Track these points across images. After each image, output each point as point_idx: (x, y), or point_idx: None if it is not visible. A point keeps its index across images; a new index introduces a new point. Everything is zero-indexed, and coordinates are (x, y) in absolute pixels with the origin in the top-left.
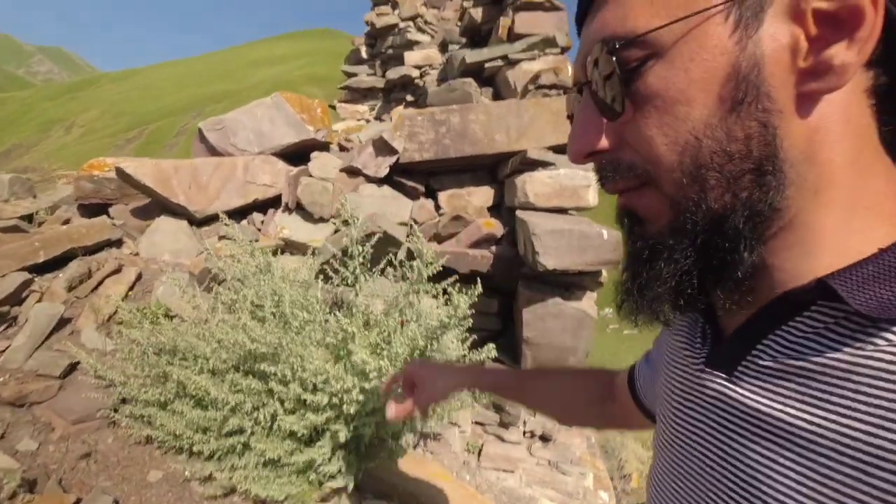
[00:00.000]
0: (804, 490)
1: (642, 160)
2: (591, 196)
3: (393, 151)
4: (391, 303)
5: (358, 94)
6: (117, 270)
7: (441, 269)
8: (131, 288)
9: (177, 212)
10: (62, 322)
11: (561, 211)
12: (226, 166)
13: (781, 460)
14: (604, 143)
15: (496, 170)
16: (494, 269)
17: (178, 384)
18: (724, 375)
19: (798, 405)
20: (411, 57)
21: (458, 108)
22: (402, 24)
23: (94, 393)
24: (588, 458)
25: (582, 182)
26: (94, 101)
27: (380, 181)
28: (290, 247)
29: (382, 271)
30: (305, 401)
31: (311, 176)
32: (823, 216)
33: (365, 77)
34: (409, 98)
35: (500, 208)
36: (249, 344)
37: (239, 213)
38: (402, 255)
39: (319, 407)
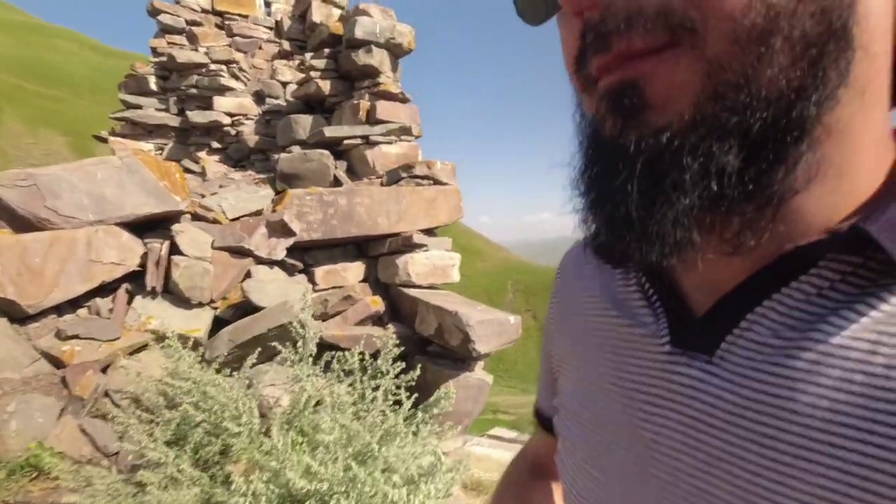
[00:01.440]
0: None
1: (685, 3)
2: (455, 274)
3: (290, 233)
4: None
5: (142, 130)
6: None
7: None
8: None
9: None
10: None
11: (433, 287)
12: (63, 242)
13: (779, 468)
14: None
15: (364, 246)
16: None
17: None
18: (703, 357)
19: (810, 387)
20: (223, 103)
21: (345, 190)
22: (213, 66)
23: None
24: None
25: (449, 262)
26: None
27: (271, 263)
28: (161, 340)
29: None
30: None
31: (183, 254)
32: (867, 125)
33: (154, 112)
34: (216, 145)
35: (367, 281)
36: (307, 485)
37: (71, 303)
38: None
39: None
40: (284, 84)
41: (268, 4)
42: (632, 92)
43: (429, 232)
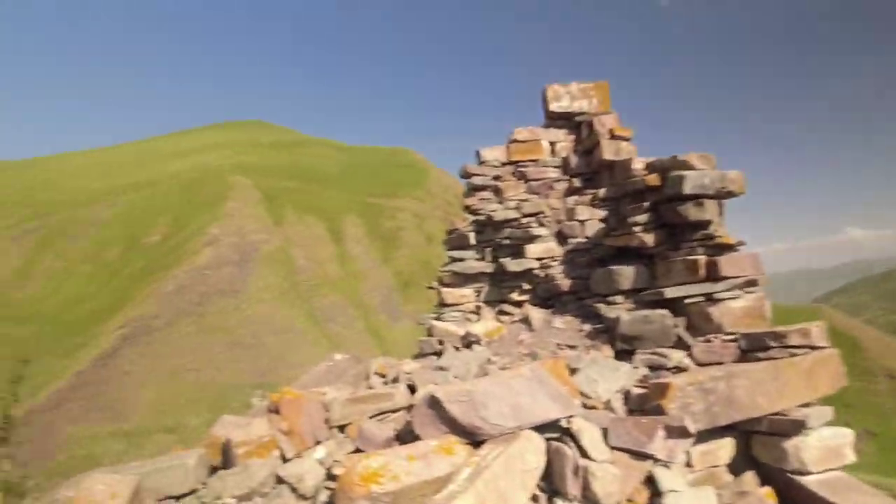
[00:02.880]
0: None
1: None
2: (850, 453)
3: (687, 434)
4: None
5: (460, 279)
6: None
7: None
8: None
9: None
10: None
11: (828, 470)
12: (513, 459)
13: None
14: None
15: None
16: None
17: None
18: None
19: None
20: (533, 250)
21: (723, 374)
22: (524, 220)
23: None
24: None
25: (842, 440)
26: None
27: (666, 464)
28: None
29: None
30: None
31: (588, 457)
32: None
33: (473, 262)
34: (526, 286)
35: (735, 459)
36: None
37: None
38: None
39: None
40: (582, 222)
41: (551, 144)
42: None
43: (806, 404)
